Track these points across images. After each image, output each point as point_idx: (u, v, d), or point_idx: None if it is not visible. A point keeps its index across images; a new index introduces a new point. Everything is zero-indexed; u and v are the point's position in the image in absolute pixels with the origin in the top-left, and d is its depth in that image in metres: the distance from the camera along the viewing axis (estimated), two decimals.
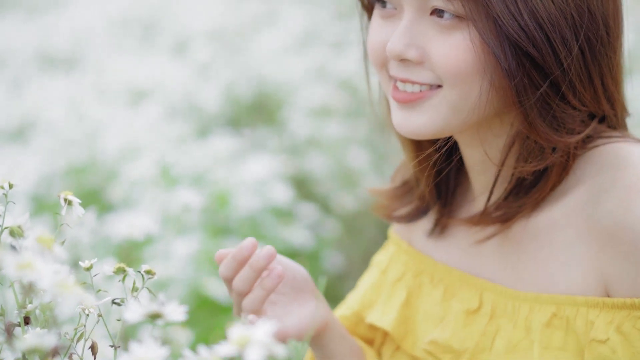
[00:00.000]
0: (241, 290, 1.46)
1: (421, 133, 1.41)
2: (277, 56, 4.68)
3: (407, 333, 1.58)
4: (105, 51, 4.82)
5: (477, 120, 1.41)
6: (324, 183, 4.10)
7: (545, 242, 1.43)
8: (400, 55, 1.39)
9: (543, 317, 1.41)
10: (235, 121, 4.35)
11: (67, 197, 1.20)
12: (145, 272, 1.24)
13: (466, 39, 1.35)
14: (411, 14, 1.39)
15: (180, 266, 2.84)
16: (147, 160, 3.33)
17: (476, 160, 1.50)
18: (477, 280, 1.51)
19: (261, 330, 0.93)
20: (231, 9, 5.40)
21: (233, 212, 3.29)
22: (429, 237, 1.62)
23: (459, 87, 1.37)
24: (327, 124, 4.19)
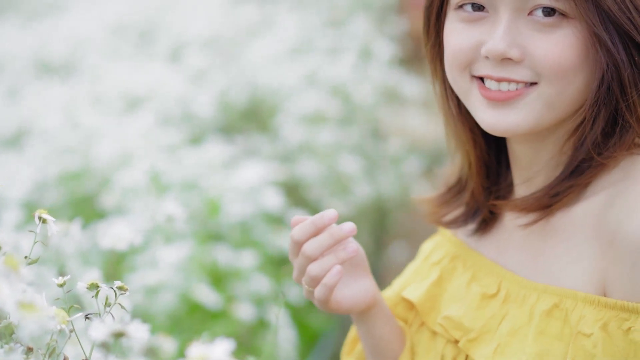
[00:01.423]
0: (311, 254, 1.54)
1: (515, 131, 1.49)
2: (270, 63, 4.72)
3: (432, 309, 1.67)
4: (101, 58, 4.85)
5: (564, 117, 1.49)
6: (316, 189, 4.14)
7: (563, 238, 1.51)
8: (503, 55, 1.46)
9: (545, 306, 1.49)
10: (228, 128, 4.39)
11: (41, 216, 1.24)
12: (118, 288, 1.28)
13: (569, 35, 1.43)
14: (509, 14, 1.46)
15: (171, 273, 2.87)
16: (141, 167, 3.36)
17: (523, 155, 1.58)
18: (500, 269, 1.60)
19: (219, 349, 0.97)
20: (226, 17, 5.44)
21: (224, 218, 3.33)
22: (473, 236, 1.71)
23: (556, 83, 1.45)
24: (320, 131, 4.23)
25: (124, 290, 1.28)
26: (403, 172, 4.64)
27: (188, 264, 3.00)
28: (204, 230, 3.31)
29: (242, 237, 3.40)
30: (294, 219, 1.58)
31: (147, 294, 2.81)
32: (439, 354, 1.63)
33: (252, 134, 4.35)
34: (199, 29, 5.14)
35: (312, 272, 1.54)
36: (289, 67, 4.67)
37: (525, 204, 1.54)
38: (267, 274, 3.31)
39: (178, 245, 2.94)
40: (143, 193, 3.27)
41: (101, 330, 1.01)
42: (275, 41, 4.98)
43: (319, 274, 1.54)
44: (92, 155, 3.59)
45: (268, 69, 4.66)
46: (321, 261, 1.54)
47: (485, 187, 1.66)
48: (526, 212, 1.55)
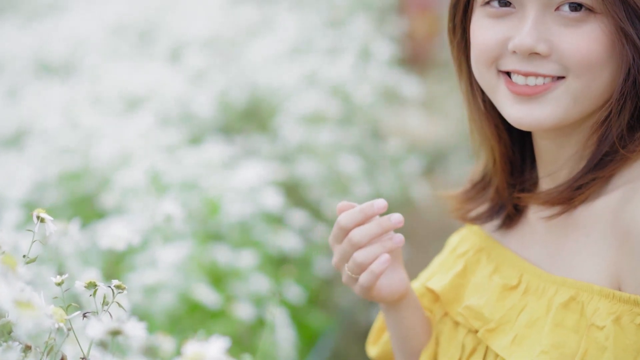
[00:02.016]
0: (358, 242, 1.56)
1: (542, 125, 1.52)
2: (270, 63, 4.73)
3: (455, 300, 1.70)
4: (101, 58, 4.86)
5: (590, 111, 1.52)
6: (316, 189, 4.15)
7: (583, 232, 1.54)
8: (530, 49, 1.48)
9: (562, 298, 1.51)
10: (228, 128, 4.40)
11: (39, 215, 1.25)
12: (116, 287, 1.28)
13: (596, 30, 1.46)
14: (536, 10, 1.49)
15: (170, 273, 2.88)
16: (140, 167, 3.37)
17: (548, 150, 1.61)
18: (522, 262, 1.63)
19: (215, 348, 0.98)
20: (225, 17, 5.45)
21: (224, 218, 3.34)
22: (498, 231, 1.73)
23: (583, 77, 1.48)
24: (319, 131, 4.25)
25: (122, 289, 1.28)
26: (402, 172, 4.65)
27: (187, 264, 3.01)
28: (203, 230, 3.32)
29: (241, 237, 3.41)
30: (341, 205, 1.60)
31: (147, 294, 2.82)
32: (460, 344, 1.67)
33: (252, 134, 4.36)
34: (198, 29, 5.15)
35: (359, 259, 1.56)
36: (288, 67, 4.68)
37: (548, 197, 1.57)
38: (267, 273, 3.32)
39: (177, 245, 2.95)
40: (142, 193, 3.28)
41: (98, 328, 1.02)
42: (274, 41, 4.99)
43: (365, 261, 1.56)
44: (92, 155, 3.60)
45: (268, 69, 4.67)
46: (368, 249, 1.56)
47: (509, 184, 1.69)
48: (550, 205, 1.58)
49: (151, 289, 2.83)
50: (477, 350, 1.63)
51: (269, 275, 3.33)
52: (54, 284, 1.34)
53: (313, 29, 5.41)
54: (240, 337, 3.03)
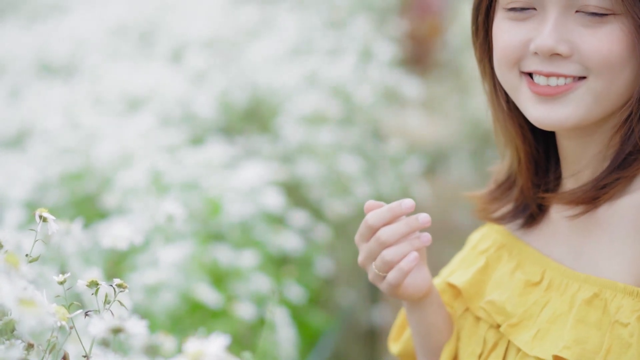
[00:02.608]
0: (387, 240, 1.58)
1: (564, 124, 1.55)
2: (271, 64, 4.74)
3: (476, 295, 1.72)
4: (102, 59, 4.87)
5: (612, 111, 1.54)
6: (316, 189, 4.16)
7: (607, 230, 1.56)
8: (552, 50, 1.51)
9: (585, 295, 1.54)
10: (229, 128, 4.42)
11: (41, 214, 1.26)
12: (117, 286, 1.30)
13: (616, 30, 1.49)
14: (556, 12, 1.52)
15: (172, 272, 2.89)
16: (142, 167, 3.38)
17: (572, 149, 1.63)
18: (545, 259, 1.65)
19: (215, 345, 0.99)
20: (226, 17, 5.46)
21: (225, 218, 3.35)
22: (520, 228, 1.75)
23: (604, 76, 1.51)
24: (320, 131, 4.26)
25: (124, 288, 1.29)
26: (403, 173, 4.66)
27: (188, 264, 3.02)
28: (204, 230, 3.33)
29: (242, 237, 3.42)
30: (369, 204, 1.62)
31: (148, 294, 2.83)
32: (482, 338, 1.68)
33: (253, 135, 4.37)
34: (199, 30, 5.15)
35: (387, 257, 1.58)
36: (289, 67, 4.69)
37: (573, 197, 1.59)
38: (268, 273, 3.33)
39: (179, 245, 2.96)
40: (144, 193, 3.29)
41: (100, 326, 1.03)
42: (275, 42, 5.00)
43: (394, 259, 1.58)
44: (93, 156, 3.61)
45: (268, 69, 4.68)
46: (397, 247, 1.57)
47: (534, 183, 1.71)
48: (574, 204, 1.59)
49: (152, 288, 2.83)
50: (498, 345, 1.65)
51: (270, 275, 3.34)
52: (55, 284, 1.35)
53: (313, 30, 5.42)
54: (241, 337, 3.04)
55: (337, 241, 4.25)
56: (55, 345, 1.20)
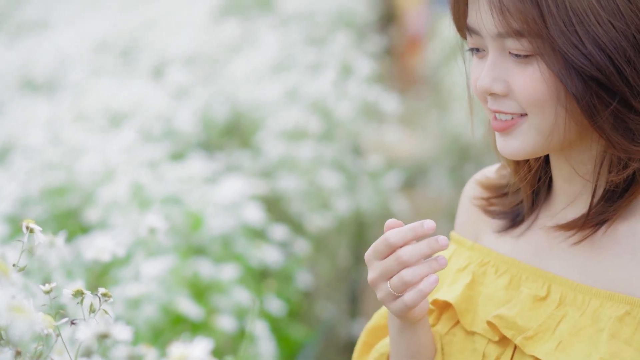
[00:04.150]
0: (407, 260, 1.55)
1: (519, 155, 1.58)
2: (251, 80, 4.79)
3: (467, 311, 1.71)
4: (84, 75, 4.91)
5: (567, 140, 1.56)
6: (296, 203, 4.20)
7: (627, 248, 1.57)
8: (488, 90, 1.55)
9: (615, 312, 1.55)
10: (210, 144, 4.45)
11: (28, 225, 1.30)
12: (102, 295, 1.34)
13: (538, 70, 1.51)
14: (493, 53, 1.55)
15: (153, 286, 2.92)
16: (123, 182, 3.41)
17: (564, 173, 1.64)
18: (545, 273, 1.65)
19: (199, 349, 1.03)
20: (207, 34, 5.51)
21: (206, 232, 3.38)
22: (501, 235, 1.75)
23: (539, 114, 1.53)
24: (300, 146, 4.30)
25: (108, 297, 1.33)
26: (382, 187, 4.70)
27: (170, 277, 3.05)
28: (185, 244, 3.36)
29: (223, 251, 3.45)
30: (390, 222, 1.59)
31: (130, 306, 2.86)
32: (479, 354, 1.68)
33: (234, 150, 4.41)
34: (181, 46, 5.20)
35: (407, 277, 1.55)
36: (269, 83, 4.74)
37: (573, 225, 1.61)
38: (248, 286, 3.36)
39: (160, 259, 2.98)
40: (125, 208, 3.32)
41: (87, 332, 1.07)
42: (256, 58, 5.05)
43: (412, 280, 1.55)
44: (76, 171, 3.64)
45: (249, 85, 4.72)
46: (416, 268, 1.55)
47: (532, 196, 1.73)
48: (575, 231, 1.62)
49: (134, 301, 2.86)
50: (500, 359, 1.66)
51: (251, 289, 3.37)
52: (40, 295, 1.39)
53: (294, 46, 5.46)
54: (221, 349, 3.07)
55: (317, 255, 4.29)
56: (41, 353, 1.24)
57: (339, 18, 7.02)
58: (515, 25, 1.50)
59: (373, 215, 4.72)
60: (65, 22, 6.24)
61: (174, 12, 6.31)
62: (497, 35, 1.53)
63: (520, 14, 1.50)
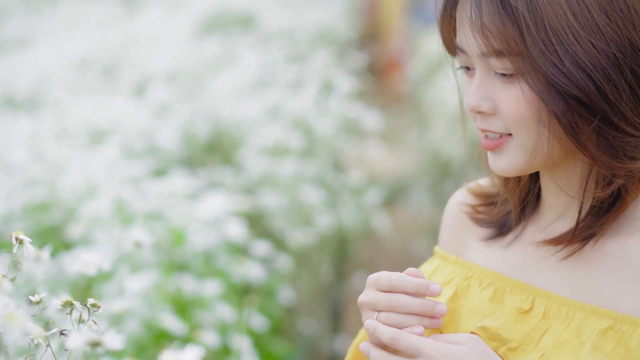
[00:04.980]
0: (395, 307, 1.56)
1: (508, 172, 1.61)
2: (233, 97, 4.80)
3: (450, 323, 1.72)
4: (66, 92, 4.91)
5: (552, 159, 1.58)
6: (279, 220, 4.21)
7: (614, 263, 1.59)
8: (476, 109, 1.58)
9: (599, 326, 1.56)
10: (192, 160, 4.46)
11: (18, 236, 1.31)
12: (91, 306, 1.35)
13: (521, 89, 1.53)
14: (480, 72, 1.58)
15: (136, 301, 2.93)
16: (106, 198, 3.42)
17: (551, 188, 1.67)
18: (529, 286, 1.66)
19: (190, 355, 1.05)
20: (189, 51, 5.52)
21: (189, 248, 3.39)
22: (487, 245, 1.78)
23: (524, 134, 1.55)
24: (282, 163, 4.31)
25: (97, 308, 1.34)
26: (363, 204, 4.72)
27: (153, 293, 3.06)
28: (168, 260, 3.37)
29: (206, 267, 3.46)
30: (411, 270, 1.60)
31: (113, 322, 2.86)
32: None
33: (216, 167, 4.42)
34: (162, 63, 5.21)
35: (391, 321, 1.57)
36: (251, 100, 4.75)
37: (561, 240, 1.63)
38: (231, 302, 3.37)
39: (143, 275, 2.99)
40: (108, 224, 3.32)
41: (78, 340, 1.08)
42: (237, 75, 5.06)
43: (397, 325, 1.57)
44: (58, 187, 3.64)
45: (231, 102, 4.74)
46: (403, 317, 1.57)
47: (520, 208, 1.75)
48: (564, 245, 1.63)
49: (118, 317, 2.87)
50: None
51: (234, 304, 3.38)
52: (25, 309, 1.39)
53: (275, 63, 5.49)
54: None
55: (299, 271, 4.30)
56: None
57: (320, 36, 7.05)
58: (497, 45, 1.53)
59: (355, 231, 4.74)
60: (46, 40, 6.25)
61: (155, 29, 6.32)
62: (481, 55, 1.56)
63: (501, 34, 1.52)
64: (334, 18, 7.87)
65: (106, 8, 7.51)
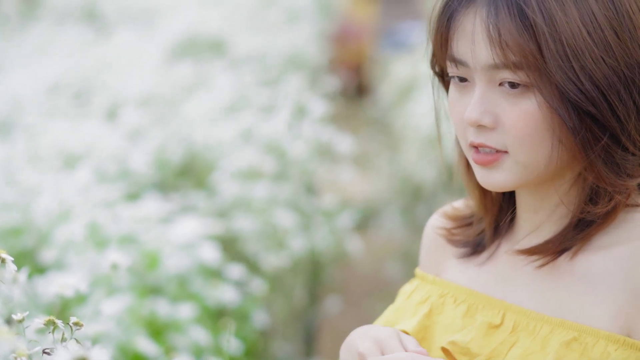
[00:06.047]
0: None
1: (502, 188, 1.63)
2: (206, 121, 4.82)
3: (424, 339, 1.75)
4: (38, 116, 4.91)
5: (551, 172, 1.61)
6: (252, 243, 4.22)
7: (583, 280, 1.62)
8: (477, 122, 1.58)
9: (563, 338, 1.59)
10: (164, 184, 4.47)
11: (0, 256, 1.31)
12: (74, 324, 1.35)
13: (533, 104, 1.55)
14: (482, 85, 1.59)
15: (111, 325, 2.92)
16: (79, 222, 3.42)
17: (530, 204, 1.69)
18: (501, 302, 1.70)
19: None
20: (161, 76, 5.54)
21: (163, 271, 3.39)
22: (463, 263, 1.81)
23: (524, 150, 1.58)
24: (255, 186, 4.32)
25: (80, 326, 1.35)
26: (336, 227, 4.73)
27: (128, 316, 3.06)
28: (142, 284, 3.37)
29: (180, 290, 3.46)
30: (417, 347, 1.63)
31: None
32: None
33: (189, 190, 4.43)
34: (134, 88, 5.22)
35: None
36: (224, 124, 4.77)
37: (537, 251, 1.66)
38: (205, 326, 3.37)
39: (118, 298, 2.99)
40: (82, 248, 3.32)
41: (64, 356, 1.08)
42: (210, 99, 5.08)
43: None
44: (31, 211, 3.64)
45: (204, 126, 4.75)
46: None
47: (494, 225, 1.78)
48: (539, 256, 1.66)
49: (93, 341, 2.86)
50: None
51: (208, 328, 3.38)
52: None
53: (247, 87, 5.51)
54: None
55: (273, 294, 4.31)
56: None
57: (291, 61, 7.08)
58: (513, 58, 1.55)
59: (328, 254, 4.76)
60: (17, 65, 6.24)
61: (127, 54, 6.34)
62: (492, 66, 1.57)
63: (519, 47, 1.54)
64: (304, 43, 7.91)
65: (76, 34, 7.51)
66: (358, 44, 11.90)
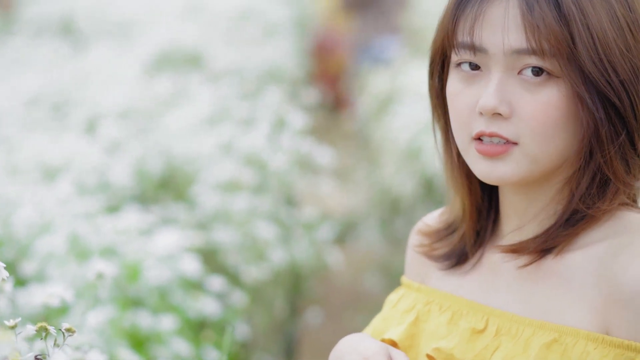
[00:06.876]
0: None
1: (506, 181, 1.64)
2: (186, 133, 4.82)
3: (411, 347, 1.77)
4: (17, 129, 4.90)
5: (555, 167, 1.63)
6: (232, 255, 4.22)
7: (563, 281, 1.64)
8: (494, 110, 1.59)
9: (544, 339, 1.61)
10: (144, 197, 4.47)
11: None
12: (66, 330, 1.35)
13: (554, 94, 1.57)
14: (500, 73, 1.60)
15: (93, 336, 2.92)
16: (60, 234, 3.41)
17: (518, 203, 1.71)
18: (484, 307, 1.72)
19: None
20: (140, 89, 5.54)
21: (144, 283, 3.39)
22: (447, 274, 1.82)
23: (537, 142, 1.59)
24: (235, 199, 4.33)
25: (72, 332, 1.35)
26: (316, 239, 4.74)
27: (109, 328, 3.05)
28: (123, 296, 3.36)
29: (161, 302, 3.46)
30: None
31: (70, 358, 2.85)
32: None
33: (169, 203, 4.43)
34: (113, 101, 5.22)
35: None
36: (204, 137, 4.77)
37: (521, 248, 1.68)
38: (187, 337, 3.38)
39: (99, 310, 2.99)
40: (63, 260, 3.32)
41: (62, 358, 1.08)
42: (190, 112, 5.09)
43: None
44: (11, 223, 3.63)
45: (184, 139, 4.76)
46: None
47: (475, 231, 1.79)
48: (522, 254, 1.68)
49: None
50: None
51: (189, 339, 3.38)
52: None
53: (227, 100, 5.52)
54: None
55: (254, 306, 4.31)
56: None
57: (269, 74, 7.10)
58: (546, 45, 1.57)
59: (308, 266, 4.76)
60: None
61: (104, 68, 6.33)
62: (521, 51, 1.58)
63: (554, 35, 1.57)
64: (282, 56, 7.93)
65: (53, 48, 7.51)
66: (336, 57, 11.94)
